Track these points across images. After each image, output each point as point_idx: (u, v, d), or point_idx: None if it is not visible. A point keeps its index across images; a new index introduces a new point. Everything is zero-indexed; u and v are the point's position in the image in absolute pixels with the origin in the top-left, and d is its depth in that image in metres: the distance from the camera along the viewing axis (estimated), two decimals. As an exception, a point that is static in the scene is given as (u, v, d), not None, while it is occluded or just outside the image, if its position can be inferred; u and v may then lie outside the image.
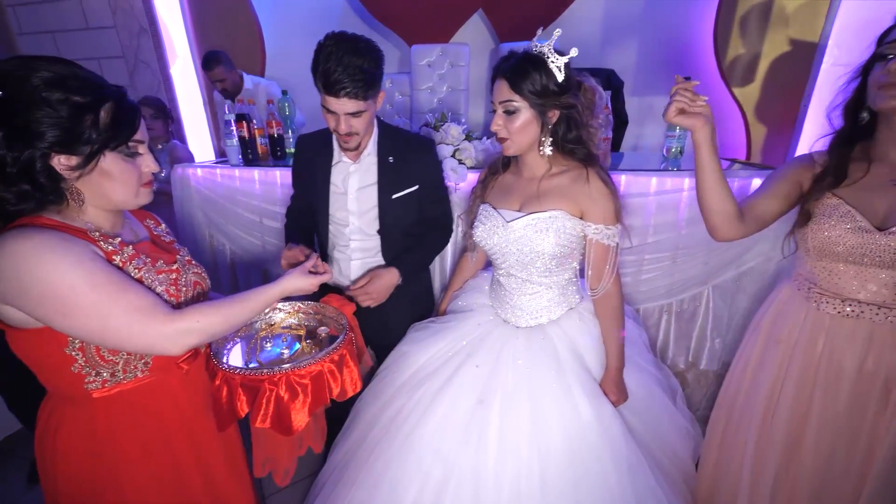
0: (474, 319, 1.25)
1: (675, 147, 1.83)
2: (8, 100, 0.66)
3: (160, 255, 0.86)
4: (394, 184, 1.27)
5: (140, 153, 0.78)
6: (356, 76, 1.06)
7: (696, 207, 1.54)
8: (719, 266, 1.60)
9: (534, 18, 2.83)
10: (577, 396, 1.06)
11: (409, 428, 1.10)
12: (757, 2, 2.58)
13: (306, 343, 0.96)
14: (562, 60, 1.00)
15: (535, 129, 1.06)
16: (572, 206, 1.07)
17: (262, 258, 1.98)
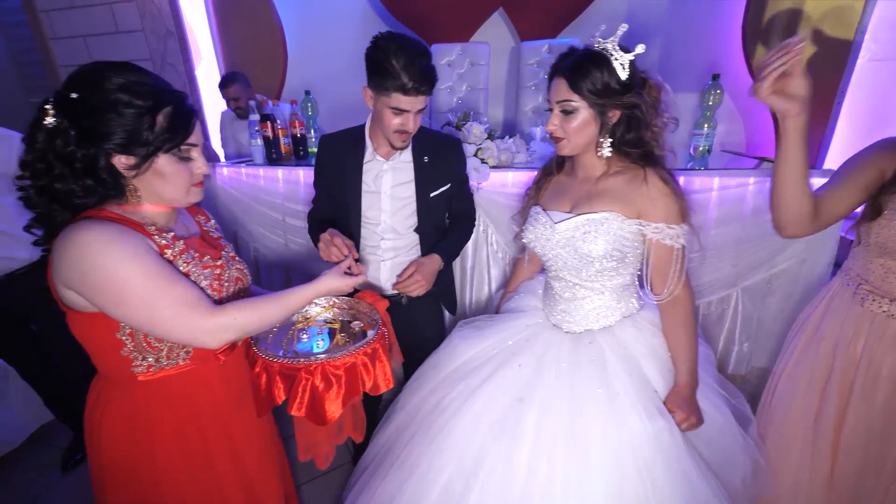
0: (523, 321, 1.22)
1: (703, 146, 1.79)
2: (81, 102, 0.72)
3: (207, 250, 0.90)
4: (430, 182, 1.30)
5: (193, 157, 0.82)
6: (427, 76, 1.09)
7: (725, 207, 1.52)
8: (749, 268, 1.55)
9: (555, 17, 2.80)
10: (625, 406, 0.98)
11: (446, 419, 1.09)
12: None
13: (341, 336, 0.98)
14: (626, 57, 0.95)
15: (593, 130, 1.01)
16: (628, 208, 1.01)
17: (286, 256, 2.01)
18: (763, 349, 1.65)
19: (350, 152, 1.29)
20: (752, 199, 1.50)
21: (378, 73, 1.08)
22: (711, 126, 1.79)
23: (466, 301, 1.84)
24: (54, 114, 0.72)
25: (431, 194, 1.30)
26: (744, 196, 1.50)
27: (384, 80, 1.07)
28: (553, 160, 1.20)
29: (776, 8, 2.55)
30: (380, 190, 1.28)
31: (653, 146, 1.01)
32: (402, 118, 1.13)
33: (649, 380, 1.04)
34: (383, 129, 1.18)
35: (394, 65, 1.05)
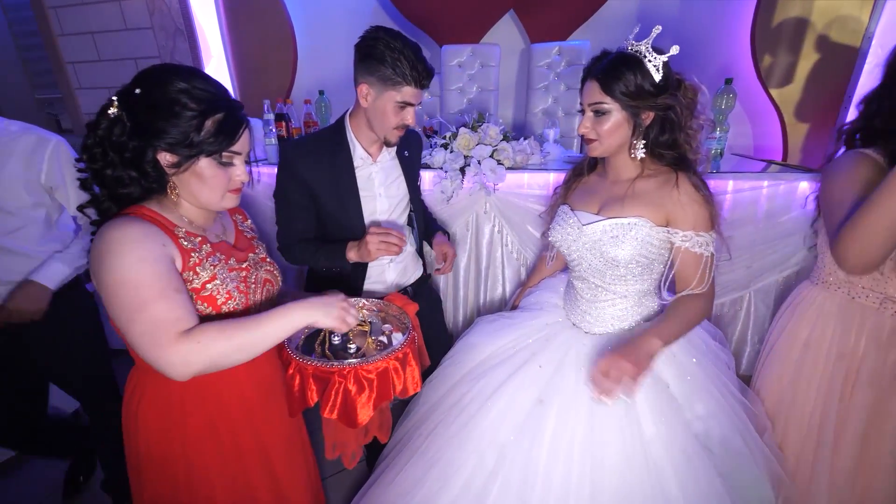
0: (543, 319, 1.23)
1: (716, 148, 1.81)
2: (142, 97, 0.76)
3: (233, 253, 0.92)
4: (413, 174, 1.34)
5: (234, 164, 0.84)
6: (431, 69, 1.11)
7: (739, 210, 1.55)
8: (762, 270, 1.57)
9: (566, 19, 2.82)
10: (641, 414, 1.00)
11: (468, 416, 1.10)
12: (797, 2, 2.53)
13: (371, 339, 0.98)
14: (661, 59, 0.95)
15: (625, 132, 1.01)
16: (657, 213, 1.00)
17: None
18: (774, 350, 1.67)
19: (334, 158, 1.20)
20: (766, 203, 1.52)
21: (386, 66, 1.06)
22: (724, 130, 1.81)
23: (480, 301, 1.85)
24: (118, 104, 0.77)
25: (417, 184, 1.35)
26: (757, 199, 1.52)
27: (395, 74, 1.07)
28: (585, 160, 1.20)
29: (784, 14, 2.57)
30: (373, 192, 1.25)
31: (686, 149, 1.02)
32: (405, 112, 1.13)
33: (668, 385, 1.04)
34: (382, 125, 1.14)
35: (404, 58, 1.06)
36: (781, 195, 1.49)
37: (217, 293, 0.84)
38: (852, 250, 0.87)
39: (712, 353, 1.13)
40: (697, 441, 1.00)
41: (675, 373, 1.05)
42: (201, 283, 0.82)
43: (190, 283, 0.81)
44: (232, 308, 0.86)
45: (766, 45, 2.61)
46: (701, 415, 1.02)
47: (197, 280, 0.82)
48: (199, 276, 0.82)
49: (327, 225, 1.25)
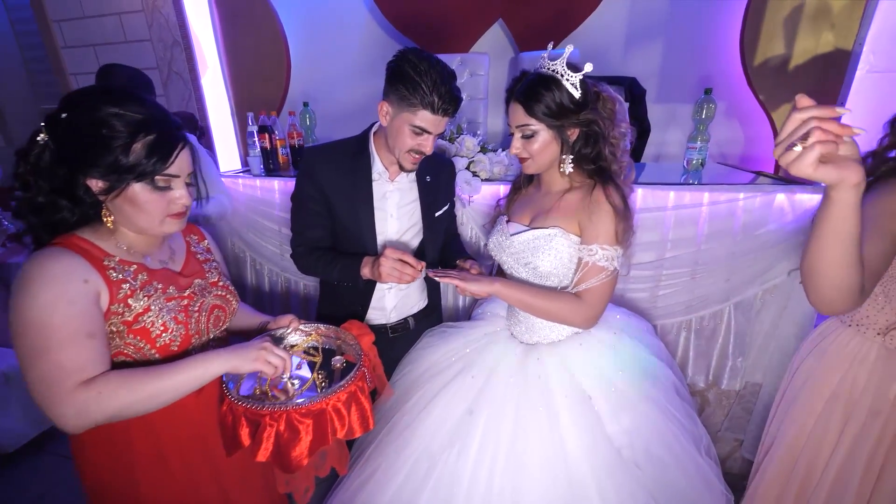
0: (482, 329, 1.28)
1: (697, 159, 1.80)
2: (67, 122, 0.74)
3: (175, 280, 0.89)
4: (433, 202, 1.29)
5: (171, 188, 0.80)
6: (456, 97, 1.07)
7: (717, 223, 1.52)
8: (741, 283, 1.55)
9: (555, 27, 2.81)
10: (564, 426, 1.03)
11: (405, 425, 1.14)
12: (787, 7, 2.49)
13: (318, 374, 0.94)
14: (576, 77, 0.98)
15: (554, 149, 1.05)
16: (572, 223, 1.05)
17: (282, 265, 2.04)
18: (757, 364, 1.63)
19: (354, 168, 1.19)
20: (743, 215, 1.49)
21: (406, 87, 1.03)
22: (705, 139, 1.79)
23: (460, 307, 1.85)
24: (46, 130, 0.75)
25: (436, 214, 1.30)
26: (734, 211, 1.50)
27: (412, 96, 1.03)
28: (521, 175, 1.24)
29: (772, 22, 2.53)
30: (386, 210, 1.23)
31: (610, 160, 1.05)
32: (421, 139, 1.09)
33: (591, 398, 1.06)
34: (396, 147, 1.12)
35: (426, 81, 1.02)
36: (758, 208, 1.46)
37: (151, 325, 0.80)
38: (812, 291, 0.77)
39: (642, 367, 1.12)
40: (620, 455, 1.01)
41: (600, 386, 1.07)
42: (133, 316, 0.79)
43: (121, 316, 0.78)
44: (168, 341, 0.83)
45: (756, 44, 2.58)
46: (626, 428, 1.03)
47: (129, 312, 0.79)
48: (131, 309, 0.79)
49: (339, 235, 1.24)
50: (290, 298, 2.09)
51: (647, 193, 1.55)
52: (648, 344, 1.20)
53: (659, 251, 1.58)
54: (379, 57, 3.28)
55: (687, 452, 1.07)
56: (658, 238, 1.57)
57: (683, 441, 1.08)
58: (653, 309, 1.64)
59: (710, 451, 1.14)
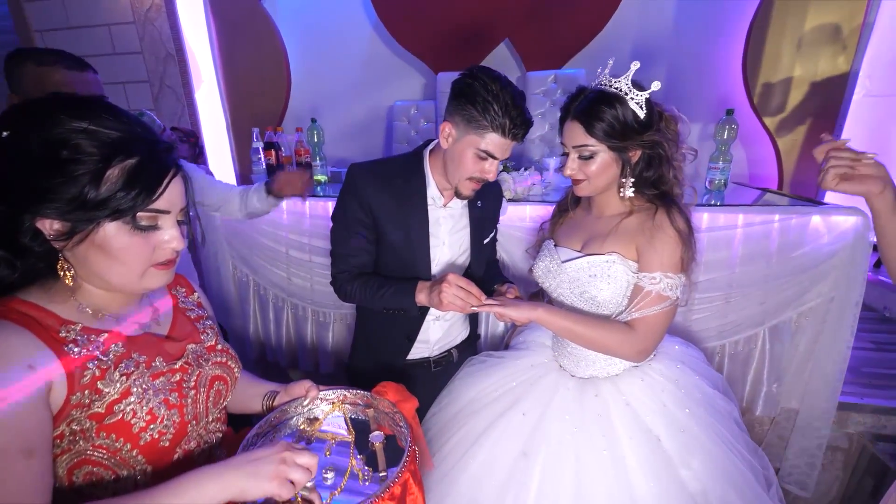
0: (528, 359, 1.18)
1: (719, 179, 1.78)
2: (10, 144, 0.54)
3: (162, 348, 0.68)
4: (482, 228, 1.21)
5: (158, 227, 0.61)
6: (528, 121, 0.99)
7: (752, 245, 1.48)
8: (777, 307, 1.51)
9: (560, 48, 2.83)
10: (631, 469, 0.93)
11: (449, 466, 1.02)
12: (787, 33, 2.57)
13: (356, 460, 0.74)
14: (643, 96, 0.92)
15: (614, 171, 0.98)
16: (630, 249, 0.98)
17: (288, 290, 1.91)
18: (792, 390, 1.59)
19: (407, 191, 1.10)
20: (778, 237, 1.46)
21: (476, 108, 0.95)
22: (727, 160, 1.78)
23: (482, 336, 1.75)
24: None
25: (485, 241, 1.22)
26: (769, 233, 1.46)
27: (482, 117, 0.95)
28: (568, 197, 1.17)
29: (774, 48, 2.60)
30: (439, 237, 1.14)
31: (673, 184, 0.99)
32: (486, 164, 1.01)
33: (659, 438, 0.97)
34: (457, 172, 1.04)
35: (498, 102, 0.94)
36: (794, 229, 1.44)
37: (133, 416, 0.59)
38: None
39: (708, 401, 1.05)
40: (694, 501, 0.92)
41: (667, 425, 0.98)
42: (106, 406, 0.58)
43: (87, 409, 0.57)
44: (156, 435, 0.61)
45: (758, 67, 2.64)
46: (698, 473, 0.94)
47: (99, 402, 0.58)
48: (102, 396, 0.58)
49: (388, 260, 1.13)
50: (298, 327, 1.96)
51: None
52: (707, 375, 1.12)
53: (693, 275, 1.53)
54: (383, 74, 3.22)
55: (757, 495, 0.98)
56: (690, 260, 1.53)
57: (754, 482, 0.99)
58: (685, 333, 1.58)
59: (780, 492, 1.06)
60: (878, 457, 1.56)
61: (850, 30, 2.51)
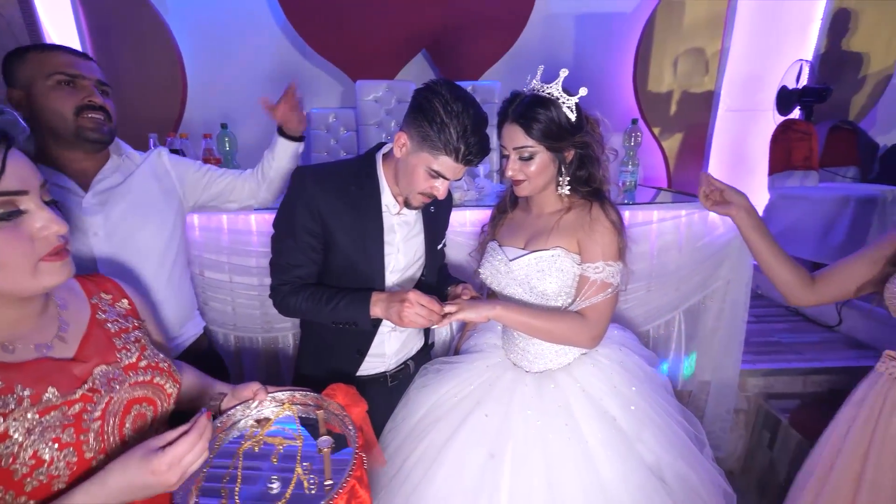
0: (483, 361, 1.18)
1: (630, 181, 1.97)
2: None
3: (58, 374, 0.57)
4: (435, 234, 1.18)
5: (21, 211, 0.52)
6: (486, 148, 0.95)
7: (666, 237, 1.65)
8: (689, 292, 1.69)
9: (475, 61, 2.93)
10: (595, 453, 0.98)
11: (415, 482, 0.99)
12: (667, 53, 2.97)
13: (302, 468, 0.72)
14: (573, 100, 0.99)
15: (552, 171, 1.04)
16: (572, 243, 1.04)
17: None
18: (704, 364, 1.79)
19: (362, 197, 1.04)
20: (685, 230, 1.65)
21: (431, 126, 0.91)
22: (635, 164, 1.97)
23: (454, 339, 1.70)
24: None
25: (438, 247, 1.18)
26: (678, 227, 1.65)
27: (436, 138, 0.91)
28: (506, 197, 1.21)
29: (657, 66, 3.00)
30: (393, 244, 1.09)
31: (602, 181, 1.07)
32: (436, 183, 0.97)
33: (615, 418, 1.04)
34: (407, 184, 1.00)
35: (456, 125, 0.90)
36: (696, 223, 1.63)
37: (13, 461, 0.50)
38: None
39: (649, 378, 1.14)
40: (651, 474, 1.00)
41: (620, 405, 1.05)
42: None
43: None
44: (46, 479, 0.52)
45: (645, 84, 3.01)
46: (650, 444, 1.02)
47: None
48: None
49: (339, 271, 1.06)
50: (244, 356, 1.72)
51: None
52: (644, 355, 1.22)
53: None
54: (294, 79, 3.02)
55: (700, 462, 1.09)
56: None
57: (694, 448, 1.09)
58: (616, 322, 1.70)
59: (710, 452, 1.16)
60: (771, 412, 1.84)
61: (711, 53, 2.98)
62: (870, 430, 0.96)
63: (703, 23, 2.90)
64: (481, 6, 2.76)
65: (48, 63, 0.98)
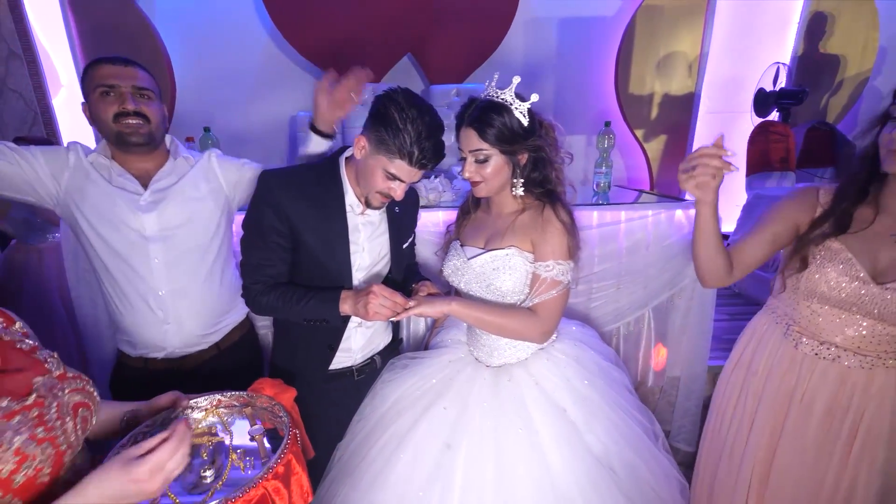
0: (446, 356, 1.24)
1: (603, 182, 2.02)
2: None
3: (6, 385, 0.59)
4: (401, 234, 1.23)
5: None
6: (440, 153, 1.01)
7: (634, 237, 1.70)
8: (658, 289, 1.74)
9: (459, 65, 2.98)
10: (545, 443, 1.04)
11: (376, 471, 1.05)
12: (648, 57, 3.02)
13: (236, 454, 0.75)
14: (525, 106, 1.04)
15: (506, 173, 1.09)
16: (526, 242, 1.09)
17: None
18: (674, 360, 1.84)
19: (325, 198, 1.09)
20: (652, 229, 1.70)
21: (387, 131, 0.96)
22: (608, 165, 2.02)
23: (404, 339, 1.75)
24: None
25: (404, 246, 1.23)
26: (645, 226, 1.70)
27: (391, 142, 0.96)
28: (469, 199, 1.26)
29: (639, 68, 3.05)
30: (359, 244, 1.14)
31: (556, 183, 1.12)
32: (393, 184, 1.02)
33: (565, 410, 1.09)
34: (366, 185, 1.05)
35: (410, 131, 0.95)
36: (663, 222, 1.69)
37: None
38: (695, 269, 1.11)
39: (604, 373, 1.19)
40: (600, 464, 1.05)
41: (571, 398, 1.10)
42: None
43: None
44: (33, 472, 0.56)
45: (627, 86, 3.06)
46: (599, 436, 1.08)
47: None
48: None
49: (306, 269, 1.11)
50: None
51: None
52: (601, 350, 1.27)
53: (588, 266, 1.71)
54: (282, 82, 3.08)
55: (650, 451, 1.15)
56: (586, 254, 1.70)
57: (646, 439, 1.15)
58: (587, 320, 1.75)
59: (665, 443, 1.23)
60: (739, 407, 1.88)
61: (691, 56, 3.04)
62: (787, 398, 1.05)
63: (682, 26, 2.95)
64: (465, 10, 2.81)
65: (94, 76, 1.08)
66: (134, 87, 1.08)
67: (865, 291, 0.91)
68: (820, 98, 3.14)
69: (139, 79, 1.09)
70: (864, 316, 0.93)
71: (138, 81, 1.09)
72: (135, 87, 1.08)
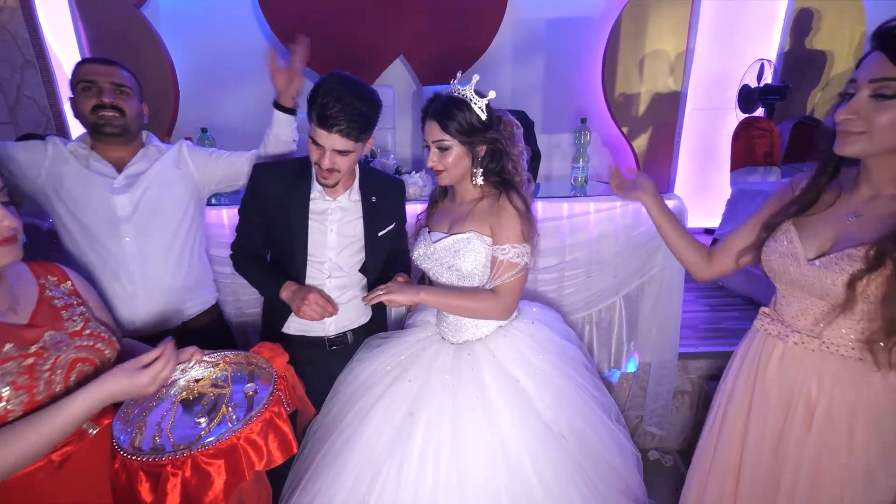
0: (415, 335, 1.34)
1: (580, 177, 2.09)
2: None
3: (14, 335, 0.72)
4: (378, 221, 1.33)
5: None
6: (352, 116, 1.08)
7: (603, 227, 1.79)
8: (626, 277, 1.82)
9: (451, 65, 3.07)
10: (498, 409, 1.12)
11: (346, 437, 1.16)
12: (634, 55, 3.09)
13: (227, 408, 0.87)
14: (483, 101, 1.14)
15: (466, 163, 1.18)
16: (485, 227, 1.19)
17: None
18: (644, 347, 1.92)
19: (294, 185, 1.25)
20: (620, 219, 1.78)
21: (309, 101, 1.10)
22: (585, 160, 2.10)
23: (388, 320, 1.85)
24: None
25: (380, 233, 1.34)
26: (613, 217, 1.78)
27: (309, 109, 1.10)
28: (437, 189, 1.36)
29: (625, 67, 3.11)
30: (326, 226, 1.27)
31: (512, 173, 1.21)
32: (318, 152, 1.13)
33: (518, 380, 1.18)
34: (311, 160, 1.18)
35: (318, 94, 1.07)
36: (631, 213, 1.76)
37: None
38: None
39: (559, 349, 1.28)
40: (549, 429, 1.14)
41: (525, 370, 1.20)
42: None
43: None
44: (3, 413, 0.67)
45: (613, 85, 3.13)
46: (549, 404, 1.17)
47: None
48: None
49: (275, 246, 1.33)
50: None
51: (545, 206, 1.77)
52: (560, 330, 1.37)
53: (560, 255, 1.80)
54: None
55: (601, 420, 1.24)
56: (558, 244, 1.79)
57: (597, 410, 1.24)
58: (560, 307, 1.83)
59: (620, 418, 1.32)
60: (712, 393, 1.94)
61: (677, 54, 3.09)
62: (752, 383, 1.04)
63: (667, 25, 3.01)
64: (455, 12, 2.92)
65: (78, 74, 1.22)
66: (112, 84, 1.21)
67: (795, 268, 0.90)
68: (807, 94, 3.17)
69: (117, 76, 1.23)
70: (813, 296, 0.90)
71: (116, 78, 1.22)
72: (113, 84, 1.21)
